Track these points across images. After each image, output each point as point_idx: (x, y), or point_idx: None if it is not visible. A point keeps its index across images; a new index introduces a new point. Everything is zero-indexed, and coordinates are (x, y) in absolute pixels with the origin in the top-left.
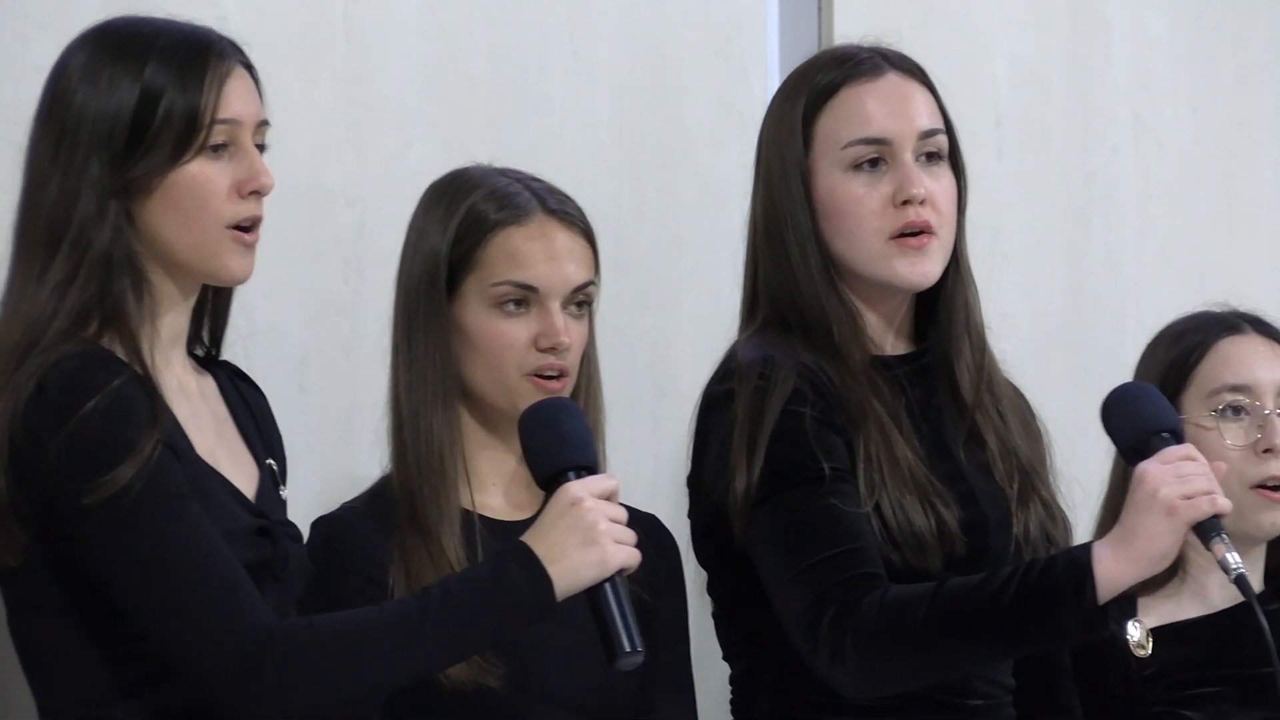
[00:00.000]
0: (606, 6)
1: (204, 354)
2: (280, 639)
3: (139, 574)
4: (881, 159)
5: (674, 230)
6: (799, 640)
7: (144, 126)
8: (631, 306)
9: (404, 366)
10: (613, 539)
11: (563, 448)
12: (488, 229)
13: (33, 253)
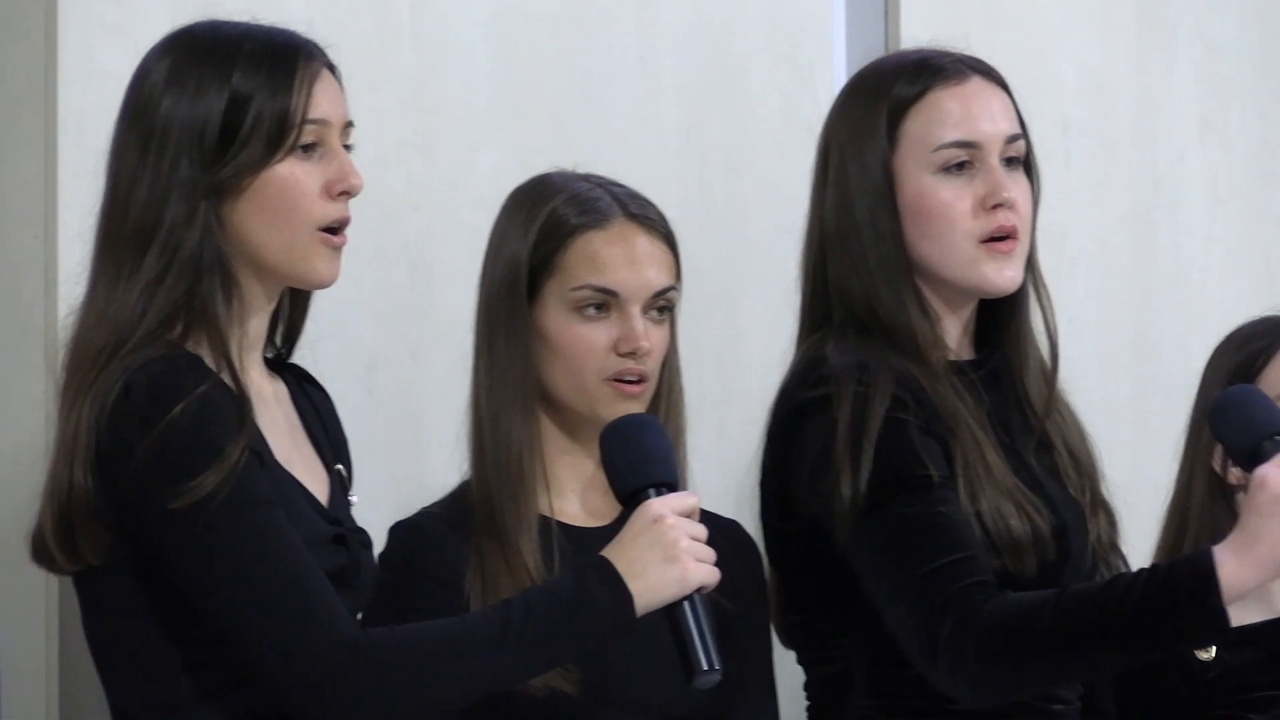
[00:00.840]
0: (672, 11)
1: (273, 357)
2: (363, 648)
3: (223, 580)
4: (969, 162)
5: (740, 234)
6: (914, 650)
7: (234, 128)
8: (697, 311)
9: (484, 371)
10: (693, 557)
11: (644, 464)
12: (568, 233)
13: (120, 254)
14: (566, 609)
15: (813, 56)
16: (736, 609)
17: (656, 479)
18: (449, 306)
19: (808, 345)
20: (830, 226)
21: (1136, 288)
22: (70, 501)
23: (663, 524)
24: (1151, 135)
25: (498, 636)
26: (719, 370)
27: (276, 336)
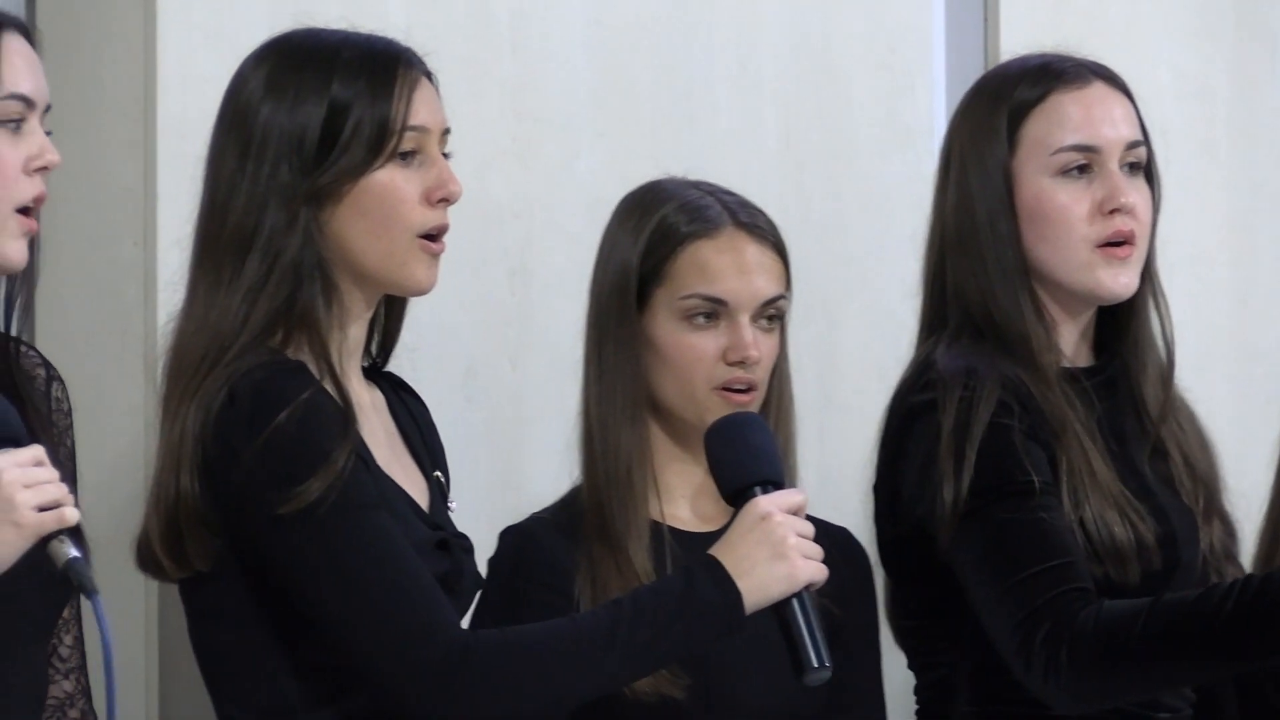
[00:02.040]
0: (773, 17)
1: (368, 365)
2: (473, 650)
3: (333, 585)
4: (1089, 166)
5: (839, 242)
6: (1010, 655)
7: (334, 135)
8: (797, 318)
9: (594, 378)
10: (801, 554)
11: (750, 462)
12: (678, 241)
13: (219, 260)
14: (676, 607)
15: (912, 64)
16: (846, 615)
17: (762, 476)
18: (548, 314)
19: (922, 349)
20: (950, 229)
21: (1235, 293)
22: (177, 509)
23: (770, 521)
24: (1251, 140)
25: (607, 636)
26: (818, 378)
27: (372, 346)
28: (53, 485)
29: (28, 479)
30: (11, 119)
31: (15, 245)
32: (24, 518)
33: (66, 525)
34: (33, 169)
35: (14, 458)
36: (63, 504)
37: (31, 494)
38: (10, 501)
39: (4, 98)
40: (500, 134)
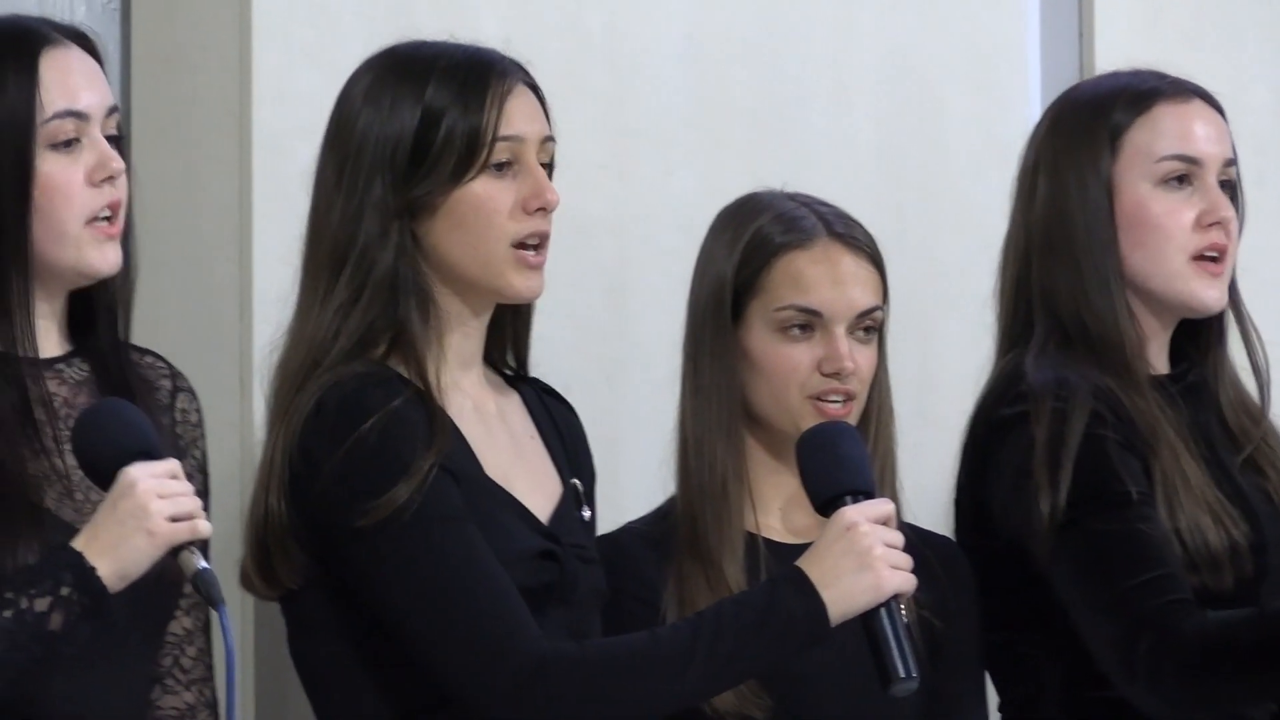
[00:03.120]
0: (868, 33)
1: (511, 373)
2: (552, 663)
3: (411, 597)
4: (1189, 178)
5: (935, 257)
6: (1112, 666)
7: (426, 146)
8: (893, 332)
9: (690, 391)
10: (888, 564)
11: (839, 472)
12: (772, 252)
13: (317, 276)
14: (759, 619)
15: (1007, 80)
16: (947, 628)
17: (851, 486)
18: (645, 330)
19: (1005, 361)
20: (1039, 235)
21: None
22: (266, 528)
23: (856, 531)
24: None
25: (689, 649)
26: (915, 392)
27: (508, 355)
28: (186, 498)
29: (162, 489)
30: (64, 139)
31: (97, 253)
32: (157, 527)
33: (198, 537)
34: (98, 180)
35: (150, 469)
36: (195, 516)
37: (165, 504)
38: (144, 510)
39: (49, 120)
40: (596, 150)
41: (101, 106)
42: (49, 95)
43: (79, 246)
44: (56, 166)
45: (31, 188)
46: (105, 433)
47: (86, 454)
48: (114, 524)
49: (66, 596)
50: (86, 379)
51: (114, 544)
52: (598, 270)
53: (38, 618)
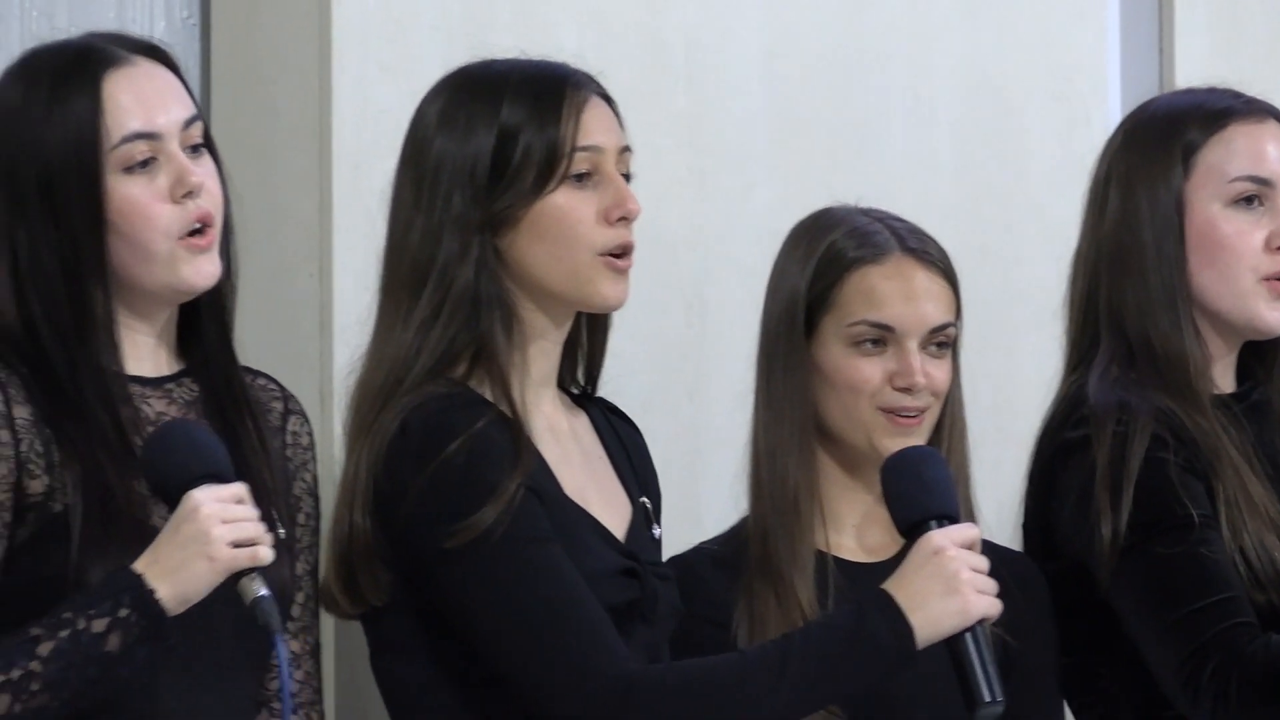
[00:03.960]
0: (947, 48)
1: (579, 391)
2: (640, 684)
3: (499, 618)
4: (1260, 199)
5: (1014, 273)
6: (1176, 689)
7: (505, 162)
8: (972, 349)
9: (762, 406)
10: (974, 588)
11: (925, 496)
12: (845, 267)
13: (398, 295)
14: (846, 642)
15: (1087, 94)
16: (1022, 645)
17: (937, 511)
18: (725, 346)
19: (1070, 381)
20: (1108, 250)
21: None
22: (350, 544)
23: (943, 556)
24: None
25: (777, 671)
26: (994, 408)
27: (578, 372)
28: (250, 523)
29: (226, 514)
30: (139, 160)
31: (190, 269)
32: (217, 552)
33: (259, 564)
34: (179, 196)
35: (214, 493)
36: (258, 542)
37: (228, 529)
38: (206, 535)
39: (118, 144)
40: (676, 166)
41: (176, 121)
42: (116, 119)
43: (171, 264)
44: (134, 189)
45: (104, 213)
46: (173, 454)
47: (154, 474)
48: (175, 547)
49: (124, 618)
50: (196, 399)
51: (175, 567)
52: (677, 286)
53: (94, 639)
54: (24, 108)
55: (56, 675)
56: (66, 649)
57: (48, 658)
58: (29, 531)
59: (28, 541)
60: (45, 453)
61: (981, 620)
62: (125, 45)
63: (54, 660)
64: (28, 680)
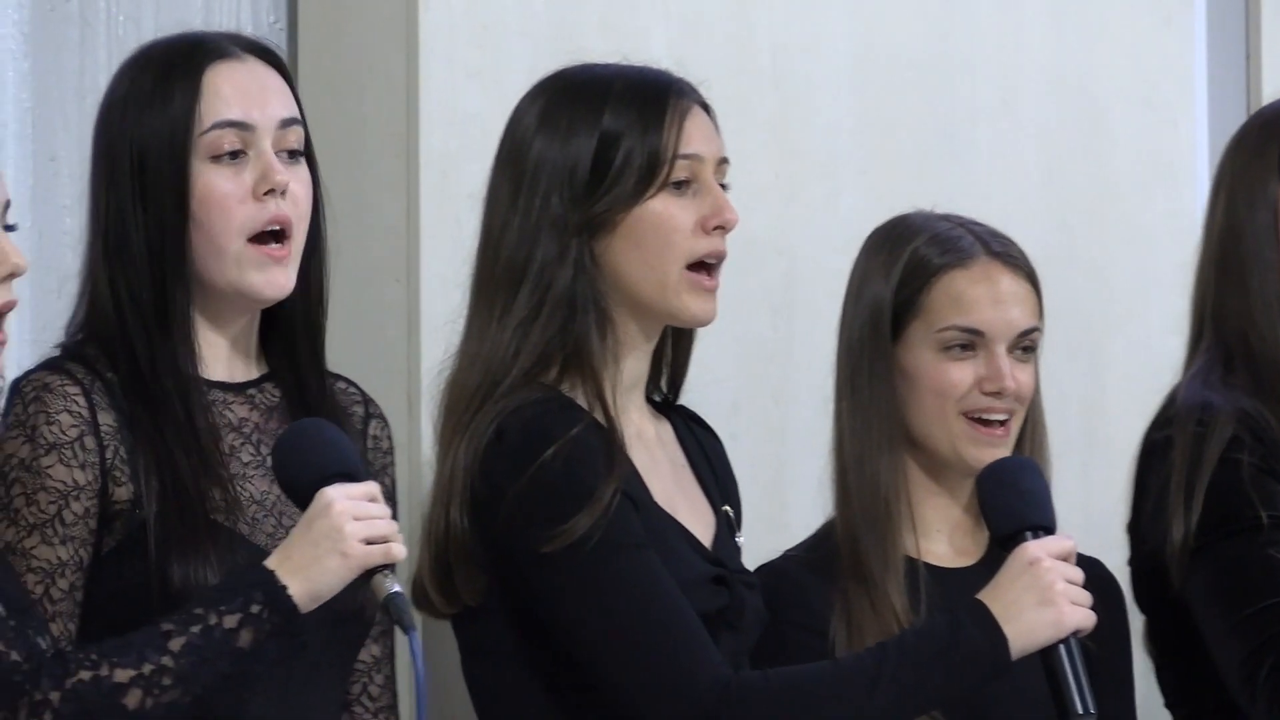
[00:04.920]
0: (1035, 54)
1: (660, 399)
2: (736, 691)
3: (595, 624)
4: None
5: (1102, 277)
6: (1236, 690)
7: (605, 166)
8: (1060, 354)
9: (847, 412)
10: (1069, 600)
11: (1021, 507)
12: (932, 273)
13: (493, 294)
14: (941, 651)
15: (1173, 100)
16: (1099, 648)
17: (1034, 522)
18: (811, 350)
19: (1177, 385)
20: (1214, 256)
21: None
22: (447, 543)
23: (1039, 567)
24: None
25: (872, 678)
26: (1082, 414)
27: (661, 379)
28: (383, 521)
29: (358, 511)
30: (226, 150)
31: (259, 276)
32: (351, 548)
33: (392, 560)
34: (261, 193)
35: (347, 490)
36: (390, 539)
37: (361, 526)
38: (339, 531)
39: (208, 130)
40: (763, 170)
41: (272, 118)
42: (210, 106)
43: (239, 265)
44: (217, 178)
45: (189, 201)
46: (306, 453)
47: (286, 473)
48: (308, 544)
49: (256, 614)
50: (278, 404)
51: (307, 564)
52: (765, 291)
53: (226, 634)
54: (130, 93)
55: (188, 670)
56: (198, 644)
57: (179, 652)
58: (115, 540)
59: (114, 550)
60: (130, 459)
61: (1076, 632)
62: (237, 42)
63: (185, 655)
64: (159, 675)
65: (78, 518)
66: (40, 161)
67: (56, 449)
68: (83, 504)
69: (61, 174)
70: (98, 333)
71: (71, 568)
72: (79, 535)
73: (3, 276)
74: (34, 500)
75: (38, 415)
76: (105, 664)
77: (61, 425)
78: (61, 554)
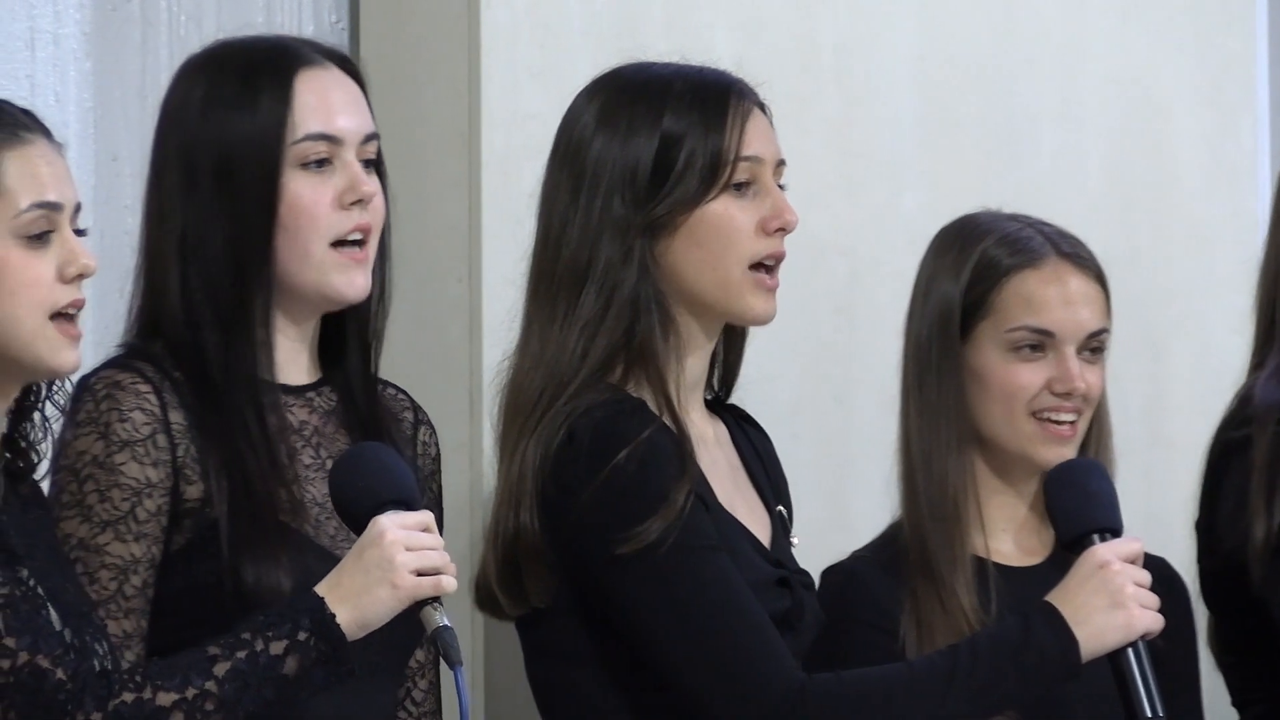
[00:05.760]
0: (1097, 53)
1: (711, 397)
2: (811, 693)
3: (670, 626)
4: None
5: (1165, 278)
6: None
7: (667, 167)
8: (1123, 354)
9: (914, 412)
10: (1138, 603)
11: (1089, 509)
12: (1002, 273)
13: (554, 295)
14: (1013, 653)
15: (1236, 101)
16: (1165, 646)
17: (1101, 524)
18: (874, 351)
19: (1246, 383)
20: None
21: None
22: (516, 545)
23: (1108, 570)
24: None
25: (945, 681)
26: (1145, 415)
27: (713, 379)
28: (435, 552)
29: (411, 542)
30: (314, 159)
31: (342, 278)
32: (401, 579)
33: (443, 593)
34: (347, 203)
35: (401, 519)
36: (442, 571)
37: (413, 557)
38: (390, 562)
39: (300, 140)
40: (825, 170)
41: (358, 132)
42: (302, 115)
43: (323, 269)
44: (305, 186)
45: (278, 207)
46: (362, 478)
47: (341, 497)
48: (359, 572)
49: (303, 641)
50: (335, 408)
51: (356, 593)
52: (827, 291)
53: (271, 660)
54: (208, 95)
55: (231, 696)
56: (243, 669)
57: (224, 678)
58: (186, 538)
59: (184, 548)
60: (200, 458)
61: (1144, 634)
62: (318, 50)
63: (230, 680)
64: (202, 700)
65: (150, 515)
66: (102, 161)
67: (129, 446)
68: (155, 501)
69: (123, 174)
70: (163, 332)
71: (144, 565)
72: (151, 532)
73: (73, 276)
74: (107, 497)
75: (110, 412)
76: (149, 686)
77: (134, 422)
78: (135, 550)
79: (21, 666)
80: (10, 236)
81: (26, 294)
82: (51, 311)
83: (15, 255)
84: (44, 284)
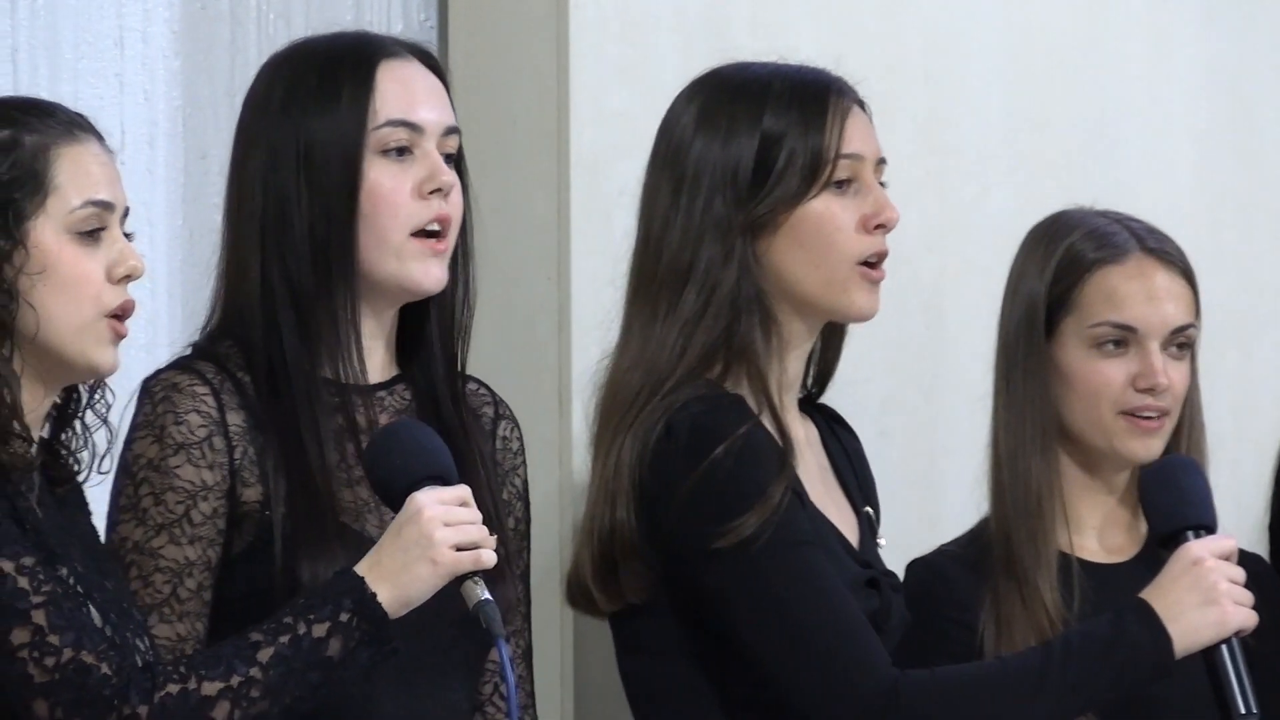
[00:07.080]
0: (1186, 52)
1: (804, 395)
2: (905, 690)
3: (766, 622)
4: None
5: (1253, 275)
6: None
7: (768, 166)
8: (1211, 350)
9: (1003, 408)
10: (1232, 600)
11: (1183, 506)
12: (1085, 268)
13: (655, 295)
14: (1105, 650)
15: None
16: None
17: (1196, 521)
18: (962, 347)
19: None
20: None
21: None
22: (612, 540)
23: (1202, 567)
24: None
25: (1038, 677)
26: (1233, 410)
27: (808, 377)
28: (474, 527)
29: (449, 517)
30: (394, 146)
31: (419, 267)
32: (440, 555)
33: (482, 567)
34: (427, 192)
35: (438, 495)
36: (481, 546)
37: (451, 533)
38: (429, 538)
39: (380, 126)
40: (914, 168)
41: (439, 123)
42: (383, 102)
43: (401, 258)
44: (385, 174)
45: (359, 193)
46: (397, 455)
47: (377, 476)
48: (398, 550)
49: (346, 622)
50: (408, 406)
51: (396, 570)
52: (916, 288)
53: (315, 644)
54: (291, 87)
55: (276, 681)
56: (287, 654)
57: (268, 664)
58: (246, 540)
59: (244, 551)
60: (259, 460)
61: (1238, 631)
62: (400, 43)
63: (274, 666)
64: (247, 686)
65: (205, 518)
66: (191, 160)
67: (184, 449)
68: (210, 504)
69: (212, 172)
70: (233, 330)
71: (199, 568)
72: (207, 535)
73: (121, 277)
74: (162, 500)
75: (166, 415)
76: (194, 677)
77: (190, 425)
78: (189, 554)
79: (66, 663)
80: (63, 232)
81: (77, 289)
82: (104, 312)
83: (68, 251)
84: (94, 281)
